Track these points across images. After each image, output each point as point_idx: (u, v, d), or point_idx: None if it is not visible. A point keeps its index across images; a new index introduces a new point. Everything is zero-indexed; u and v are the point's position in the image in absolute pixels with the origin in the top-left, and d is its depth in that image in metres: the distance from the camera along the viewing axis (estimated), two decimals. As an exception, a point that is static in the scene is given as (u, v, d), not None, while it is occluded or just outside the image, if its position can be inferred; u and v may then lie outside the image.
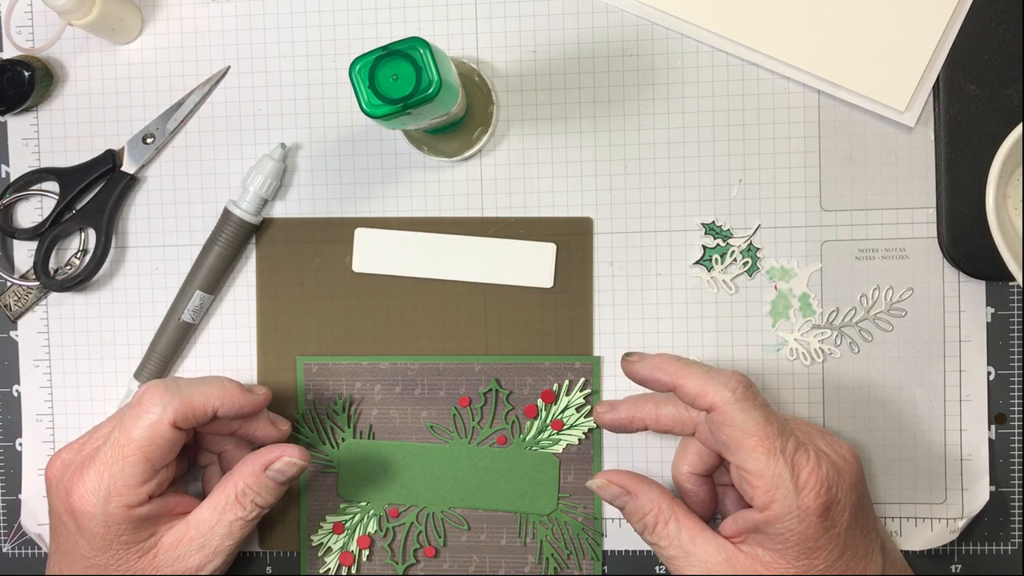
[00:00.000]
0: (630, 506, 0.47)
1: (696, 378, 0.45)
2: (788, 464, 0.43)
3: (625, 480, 0.47)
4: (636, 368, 0.47)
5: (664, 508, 0.46)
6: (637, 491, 0.47)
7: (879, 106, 0.51)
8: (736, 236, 0.52)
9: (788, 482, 0.42)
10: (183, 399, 0.47)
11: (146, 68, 0.55)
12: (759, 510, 0.43)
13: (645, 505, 0.46)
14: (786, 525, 0.43)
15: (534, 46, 0.53)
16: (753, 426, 0.43)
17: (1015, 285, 0.51)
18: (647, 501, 0.46)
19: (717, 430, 0.44)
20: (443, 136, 0.52)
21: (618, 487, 0.47)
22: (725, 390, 0.44)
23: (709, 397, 0.44)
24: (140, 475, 0.46)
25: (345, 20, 0.54)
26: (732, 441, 0.43)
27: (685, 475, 0.49)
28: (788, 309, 0.52)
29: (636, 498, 0.47)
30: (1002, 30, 0.50)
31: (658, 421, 0.49)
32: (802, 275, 0.52)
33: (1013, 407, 0.52)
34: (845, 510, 0.43)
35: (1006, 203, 0.48)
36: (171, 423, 0.46)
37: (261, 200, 0.53)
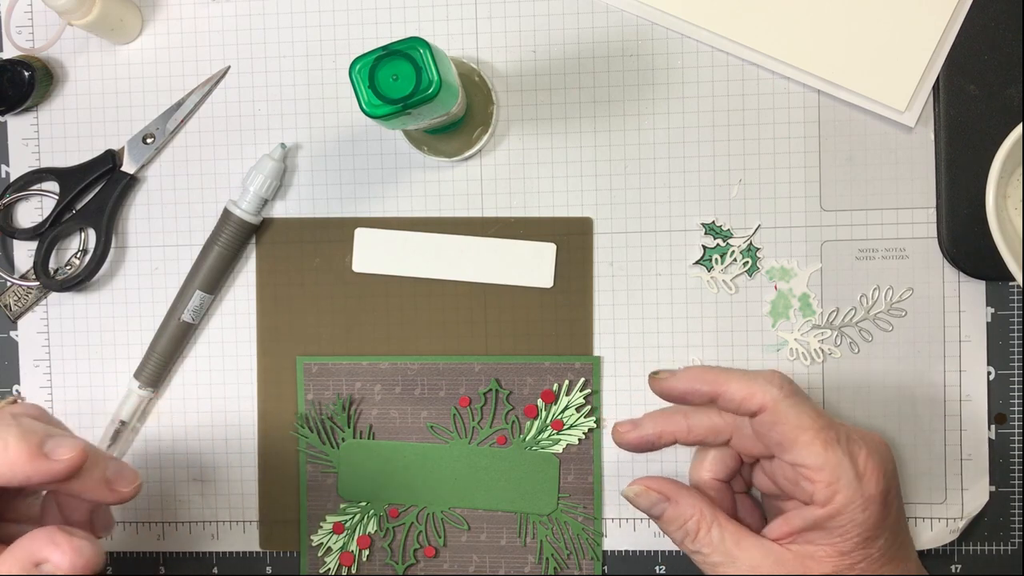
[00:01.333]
0: (669, 513, 0.45)
1: (739, 382, 0.43)
2: (846, 454, 0.42)
3: (664, 486, 0.45)
4: (670, 384, 0.45)
5: (706, 513, 0.44)
6: (677, 497, 0.45)
7: (879, 106, 0.51)
8: (736, 236, 0.52)
9: (850, 472, 0.41)
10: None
11: (146, 68, 0.55)
12: (821, 504, 0.42)
13: (686, 511, 0.44)
14: (849, 516, 0.42)
15: (534, 46, 0.53)
16: (807, 420, 0.42)
17: (1015, 285, 0.51)
18: (688, 507, 0.45)
19: (769, 431, 0.43)
20: (443, 136, 0.52)
21: (657, 493, 0.45)
22: (772, 388, 0.43)
23: (758, 398, 0.43)
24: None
25: (345, 20, 0.54)
26: (786, 439, 0.42)
27: (707, 481, 0.47)
28: (788, 309, 0.52)
29: (676, 504, 0.45)
30: (1002, 30, 0.50)
31: (690, 433, 0.46)
32: (802, 275, 0.52)
33: (1013, 407, 0.52)
34: (896, 497, 0.43)
35: (1006, 203, 0.48)
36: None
37: (261, 200, 0.53)
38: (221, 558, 0.56)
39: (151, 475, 0.56)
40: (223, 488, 0.56)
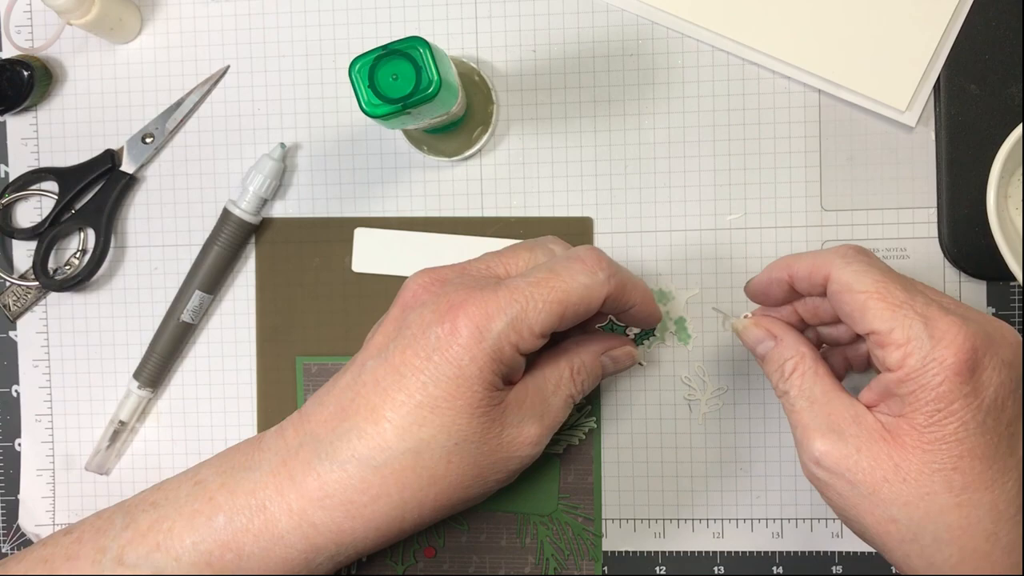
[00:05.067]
0: (772, 352, 0.43)
1: (806, 258, 0.42)
2: (919, 316, 0.38)
3: (773, 325, 0.44)
4: (754, 284, 0.45)
5: (807, 358, 0.42)
6: (784, 336, 0.44)
7: (880, 106, 0.51)
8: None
9: (922, 332, 0.38)
10: (620, 278, 0.43)
11: (145, 68, 0.55)
12: (893, 369, 0.38)
13: (788, 351, 0.43)
14: (920, 381, 0.38)
15: (534, 46, 0.53)
16: (870, 282, 0.39)
17: (1016, 285, 0.51)
18: (791, 348, 0.43)
19: (839, 304, 0.40)
20: (443, 136, 0.52)
21: (765, 331, 0.44)
22: (835, 256, 0.41)
23: (821, 270, 0.41)
24: (548, 325, 0.41)
25: (345, 20, 0.54)
26: (854, 308, 0.39)
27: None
28: (664, 332, 0.52)
29: (781, 342, 0.43)
30: (1003, 30, 0.50)
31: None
32: (680, 299, 0.52)
33: (1014, 407, 0.51)
34: (992, 385, 0.38)
35: (1007, 203, 0.48)
36: (603, 298, 0.42)
37: (261, 200, 0.53)
38: (220, 559, 0.56)
39: (150, 476, 0.56)
40: (222, 488, 0.55)
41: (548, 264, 0.42)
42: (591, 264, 0.42)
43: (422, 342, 0.40)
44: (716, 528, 0.53)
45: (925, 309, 0.38)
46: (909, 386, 0.38)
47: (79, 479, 0.56)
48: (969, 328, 0.38)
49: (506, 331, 0.40)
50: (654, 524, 0.53)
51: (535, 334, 0.41)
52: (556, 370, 0.44)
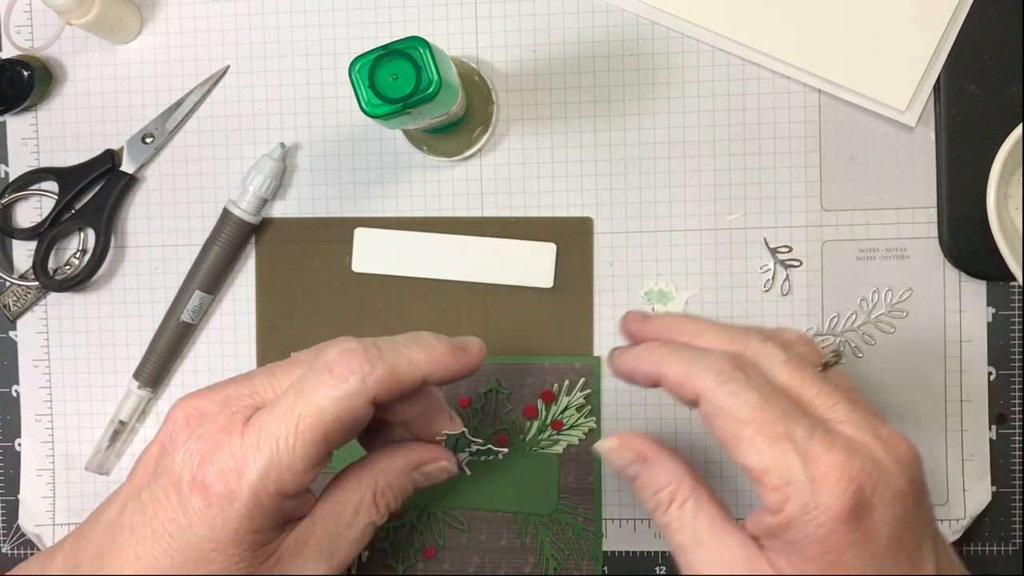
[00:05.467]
0: (644, 476, 0.38)
1: (679, 363, 0.36)
2: (799, 452, 0.34)
3: (643, 445, 0.38)
4: (615, 365, 0.39)
5: (685, 485, 0.37)
6: (656, 459, 0.38)
7: (880, 106, 0.51)
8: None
9: (801, 475, 0.33)
10: (387, 367, 0.37)
11: (145, 68, 0.55)
12: (771, 512, 0.34)
13: (662, 478, 0.38)
14: (803, 531, 0.34)
15: (534, 46, 0.53)
16: (746, 409, 0.34)
17: (1016, 285, 0.51)
18: (665, 473, 0.38)
19: (710, 426, 0.36)
20: (443, 136, 0.52)
21: (633, 452, 0.38)
22: (709, 373, 0.35)
23: (693, 384, 0.36)
24: (311, 458, 0.36)
25: (345, 20, 0.54)
26: (728, 435, 0.35)
27: None
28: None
29: (652, 467, 0.38)
30: (1003, 30, 0.50)
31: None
32: (680, 299, 0.52)
33: (1014, 407, 0.51)
34: (885, 524, 0.34)
35: (1007, 203, 0.48)
36: (370, 398, 0.37)
37: (260, 200, 0.53)
38: (220, 559, 0.56)
39: (150, 475, 0.56)
40: (222, 488, 0.55)
41: (296, 383, 0.38)
42: (339, 371, 0.37)
43: (174, 500, 0.36)
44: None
45: (807, 443, 0.34)
46: (792, 534, 0.34)
47: (79, 479, 0.56)
48: (854, 464, 0.33)
49: (260, 482, 0.35)
50: (654, 524, 0.53)
51: (297, 472, 0.36)
52: (357, 492, 0.40)
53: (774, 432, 0.34)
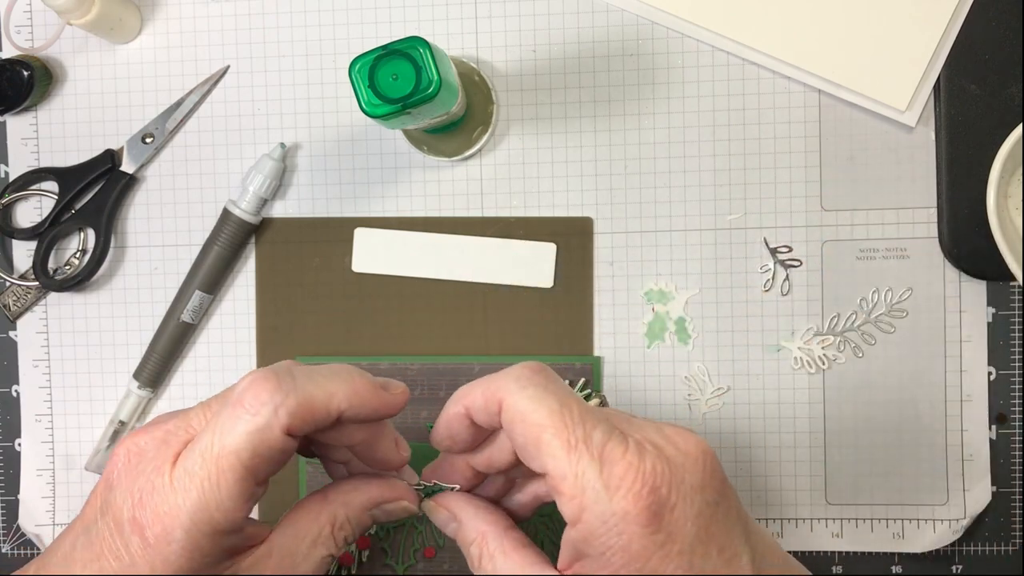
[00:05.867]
0: (458, 534, 0.39)
1: (480, 385, 0.37)
2: (595, 458, 0.33)
3: (453, 503, 0.39)
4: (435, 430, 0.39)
5: (489, 538, 0.38)
6: (462, 516, 0.39)
7: (880, 106, 0.51)
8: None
9: (596, 481, 0.33)
10: (300, 398, 0.36)
11: (145, 68, 0.55)
12: (571, 524, 0.34)
13: (469, 533, 0.38)
14: (604, 541, 0.33)
15: (534, 46, 0.53)
16: (545, 414, 0.34)
17: (1016, 285, 0.51)
18: (471, 529, 0.38)
19: (512, 436, 0.35)
20: (443, 136, 0.52)
21: (445, 511, 0.40)
22: (508, 380, 0.35)
23: (495, 396, 0.35)
24: (240, 494, 0.35)
25: (345, 20, 0.54)
26: (528, 440, 0.34)
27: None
28: (664, 332, 0.52)
29: (462, 525, 0.39)
30: (1003, 30, 0.50)
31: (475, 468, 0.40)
32: (680, 299, 0.52)
33: (1014, 407, 0.51)
34: (687, 520, 0.33)
35: (1007, 203, 0.48)
36: (284, 429, 0.35)
37: (260, 200, 0.53)
38: (220, 559, 0.56)
39: (150, 475, 0.56)
40: (222, 488, 0.55)
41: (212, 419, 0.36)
42: (250, 404, 0.35)
43: (118, 539, 0.36)
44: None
45: (601, 448, 0.33)
46: (596, 546, 0.33)
47: (79, 479, 0.56)
48: (647, 464, 0.33)
49: (193, 524, 0.35)
50: (654, 524, 0.53)
51: (228, 511, 0.35)
52: (316, 524, 0.39)
53: (572, 437, 0.34)
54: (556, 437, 0.34)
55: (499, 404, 0.35)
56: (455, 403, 0.38)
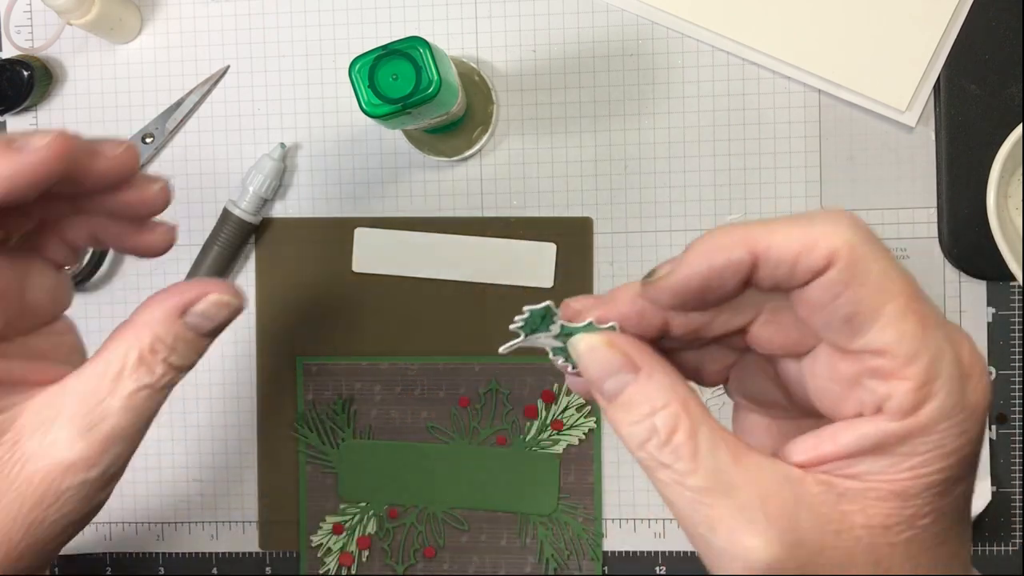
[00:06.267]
0: (632, 392, 0.28)
1: (788, 229, 0.26)
2: (948, 341, 0.26)
3: (632, 349, 0.28)
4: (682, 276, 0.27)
5: (692, 405, 0.27)
6: (650, 369, 0.28)
7: (880, 106, 0.50)
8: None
9: (952, 366, 0.25)
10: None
11: (145, 68, 0.55)
12: (899, 415, 0.26)
13: (658, 395, 0.27)
14: (939, 438, 0.26)
15: (534, 46, 0.53)
16: (898, 283, 0.26)
17: (1016, 285, 0.51)
18: (664, 389, 0.27)
19: (837, 297, 0.26)
20: (443, 136, 0.52)
21: (622, 356, 0.28)
22: (845, 230, 0.26)
23: (822, 246, 0.26)
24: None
25: (345, 20, 0.54)
26: (864, 309, 0.26)
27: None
28: None
29: (649, 379, 0.28)
30: (1003, 30, 0.50)
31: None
32: None
33: (1014, 407, 0.51)
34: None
35: (1007, 203, 0.48)
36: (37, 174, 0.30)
37: (260, 200, 0.53)
38: (220, 558, 0.56)
39: (150, 476, 0.56)
40: (222, 488, 0.56)
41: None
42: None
43: None
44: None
45: (948, 330, 0.26)
46: (923, 442, 0.26)
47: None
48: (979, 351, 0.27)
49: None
50: (654, 524, 0.53)
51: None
52: (117, 355, 0.32)
53: (925, 312, 0.26)
54: (910, 309, 0.26)
55: (830, 258, 0.26)
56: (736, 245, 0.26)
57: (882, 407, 0.26)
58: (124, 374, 0.32)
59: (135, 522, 0.56)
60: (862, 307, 0.26)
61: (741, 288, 0.28)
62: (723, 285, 0.27)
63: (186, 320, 0.33)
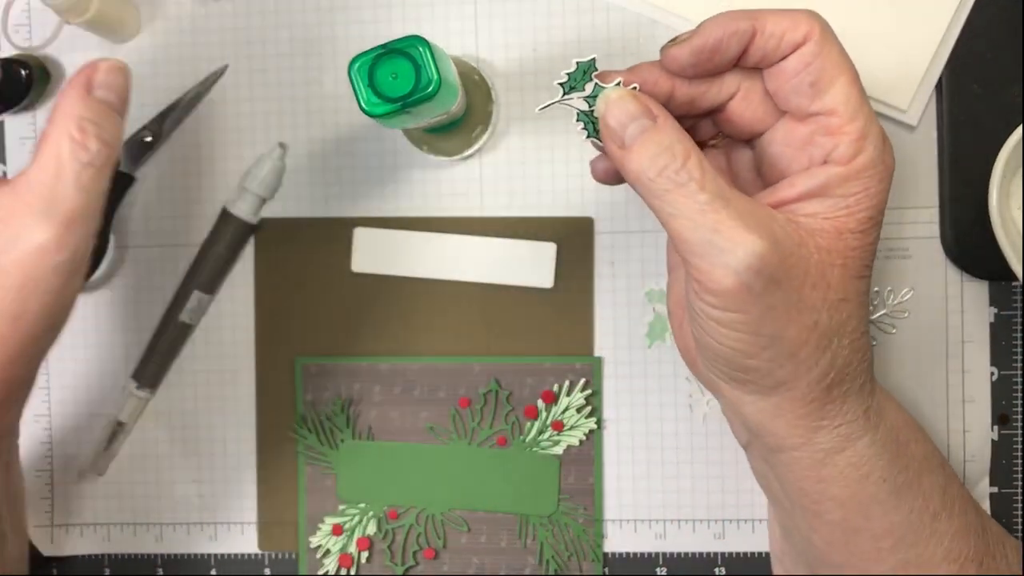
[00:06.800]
0: (651, 133, 0.36)
1: (779, 13, 0.37)
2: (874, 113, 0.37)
3: (651, 102, 0.37)
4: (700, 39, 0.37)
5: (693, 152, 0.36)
6: (666, 116, 0.37)
7: (882, 106, 0.50)
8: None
9: (878, 131, 0.36)
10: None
11: (144, 67, 0.55)
12: (841, 162, 0.36)
13: (673, 133, 0.36)
14: (866, 183, 0.36)
15: (534, 45, 0.53)
16: (848, 62, 0.37)
17: (1018, 285, 0.51)
18: (677, 130, 0.36)
19: (805, 68, 0.36)
20: (443, 135, 0.52)
21: (644, 105, 0.37)
22: (818, 18, 0.37)
23: (802, 26, 0.36)
24: None
25: (345, 20, 0.54)
26: (825, 77, 0.36)
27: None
28: (665, 332, 0.52)
29: (666, 121, 0.37)
30: (1005, 29, 0.50)
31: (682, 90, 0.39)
32: None
33: (1016, 408, 0.51)
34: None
35: (1009, 203, 0.48)
36: None
37: (260, 200, 0.53)
38: (219, 559, 0.56)
39: (148, 476, 0.56)
40: (221, 489, 0.55)
41: None
42: None
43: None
44: (717, 528, 0.53)
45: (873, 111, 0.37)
46: (855, 184, 0.36)
47: (77, 480, 0.56)
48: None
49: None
50: (655, 525, 0.53)
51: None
52: (53, 144, 0.37)
53: (862, 89, 0.37)
54: (854, 83, 0.36)
55: (806, 35, 0.36)
56: (743, 19, 0.37)
57: (828, 158, 0.36)
58: (64, 159, 0.36)
59: (134, 523, 0.56)
60: (824, 75, 0.36)
61: (736, 59, 0.38)
62: (728, 50, 0.37)
63: (95, 95, 0.38)
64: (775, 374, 0.37)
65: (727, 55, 0.37)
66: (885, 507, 0.40)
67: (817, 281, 0.36)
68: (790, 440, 0.39)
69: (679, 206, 0.35)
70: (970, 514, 0.42)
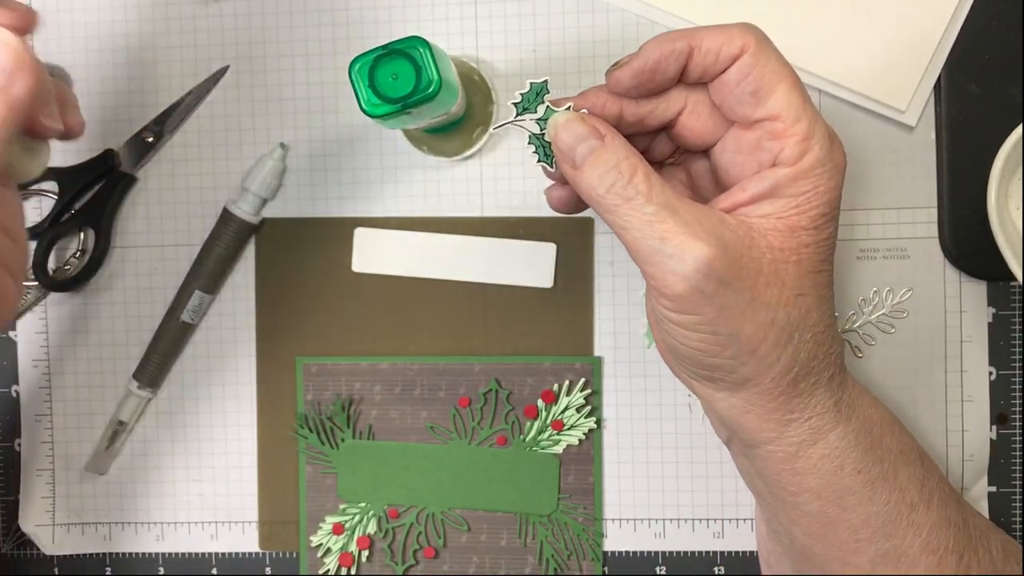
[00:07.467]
0: (600, 152, 0.38)
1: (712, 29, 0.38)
2: (819, 114, 0.38)
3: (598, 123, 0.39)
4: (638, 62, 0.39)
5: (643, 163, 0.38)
6: (612, 136, 0.38)
7: (880, 106, 0.50)
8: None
9: (824, 129, 0.37)
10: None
11: (145, 68, 0.55)
12: (789, 163, 0.37)
13: (620, 150, 0.38)
14: (815, 181, 0.37)
15: (534, 45, 0.53)
16: (786, 69, 0.38)
17: (1016, 285, 0.51)
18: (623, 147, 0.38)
19: (743, 78, 0.38)
20: (443, 135, 0.52)
21: (591, 127, 0.39)
22: (751, 30, 0.38)
23: (737, 40, 0.38)
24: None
25: (345, 20, 0.54)
26: (764, 85, 0.37)
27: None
28: None
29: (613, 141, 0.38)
30: (1004, 29, 0.50)
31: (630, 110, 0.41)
32: None
33: (1015, 407, 0.51)
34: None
35: (1007, 203, 0.48)
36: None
37: (260, 200, 0.53)
38: (220, 559, 0.56)
39: (150, 476, 0.56)
40: (222, 489, 0.56)
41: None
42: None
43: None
44: (716, 528, 0.53)
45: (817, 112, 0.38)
46: (804, 184, 0.37)
47: (79, 479, 0.56)
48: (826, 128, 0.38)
49: None
50: (654, 524, 0.53)
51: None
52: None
53: (804, 92, 0.38)
54: (795, 87, 0.38)
55: (742, 47, 0.38)
56: (679, 38, 0.38)
57: (776, 160, 0.38)
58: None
59: (135, 522, 0.56)
60: (764, 83, 0.37)
61: (677, 77, 0.39)
62: (667, 70, 0.39)
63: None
64: (739, 371, 0.39)
65: (667, 74, 0.39)
66: (860, 498, 0.40)
67: (771, 279, 0.37)
68: (763, 434, 0.40)
69: (629, 219, 0.37)
70: (950, 507, 0.42)
